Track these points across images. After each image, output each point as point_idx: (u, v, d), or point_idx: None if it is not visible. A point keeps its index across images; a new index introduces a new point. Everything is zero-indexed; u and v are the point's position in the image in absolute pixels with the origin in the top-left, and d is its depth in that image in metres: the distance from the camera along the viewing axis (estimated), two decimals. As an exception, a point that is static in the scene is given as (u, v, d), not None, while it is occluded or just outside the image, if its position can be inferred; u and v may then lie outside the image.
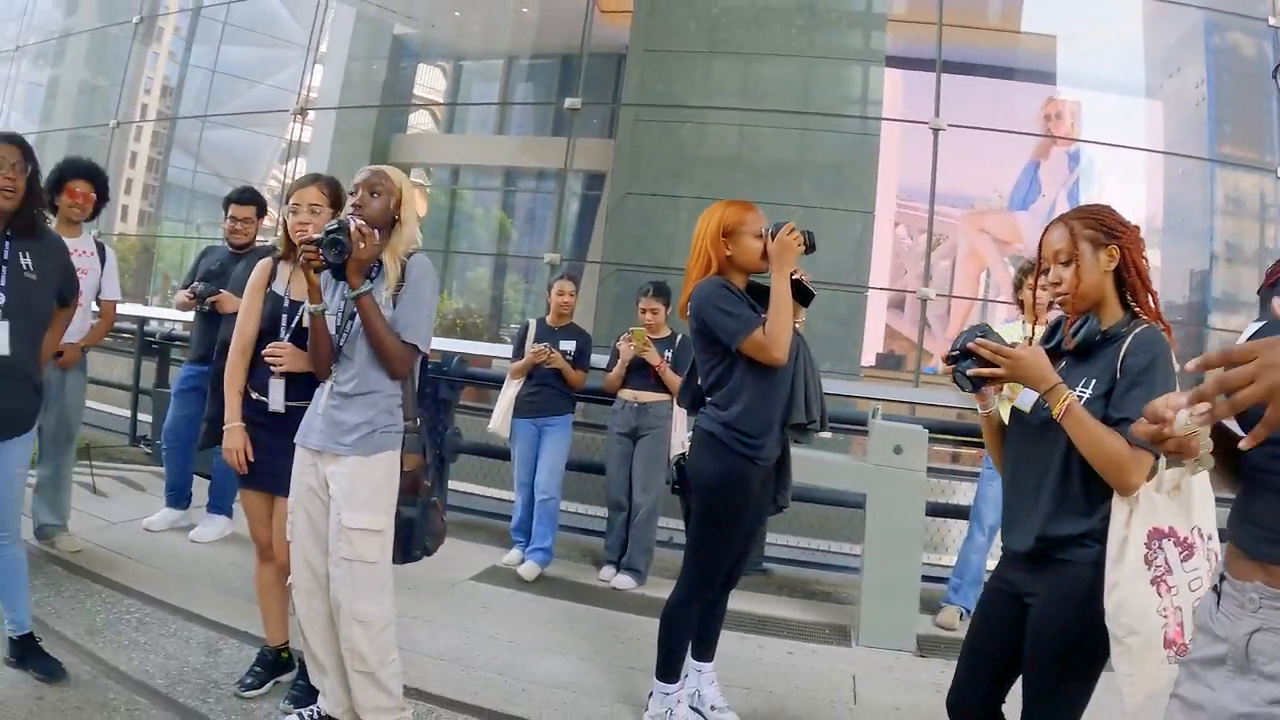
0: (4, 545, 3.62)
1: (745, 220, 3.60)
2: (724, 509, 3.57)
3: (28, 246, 3.47)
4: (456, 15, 16.60)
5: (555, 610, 5.31)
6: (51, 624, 4.26)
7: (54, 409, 4.99)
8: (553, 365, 6.02)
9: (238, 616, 4.54)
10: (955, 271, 11.72)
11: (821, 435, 3.82)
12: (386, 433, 3.25)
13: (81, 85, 17.85)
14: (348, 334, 3.27)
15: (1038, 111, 11.42)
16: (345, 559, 3.15)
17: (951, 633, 5.24)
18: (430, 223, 17.26)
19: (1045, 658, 2.46)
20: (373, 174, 3.28)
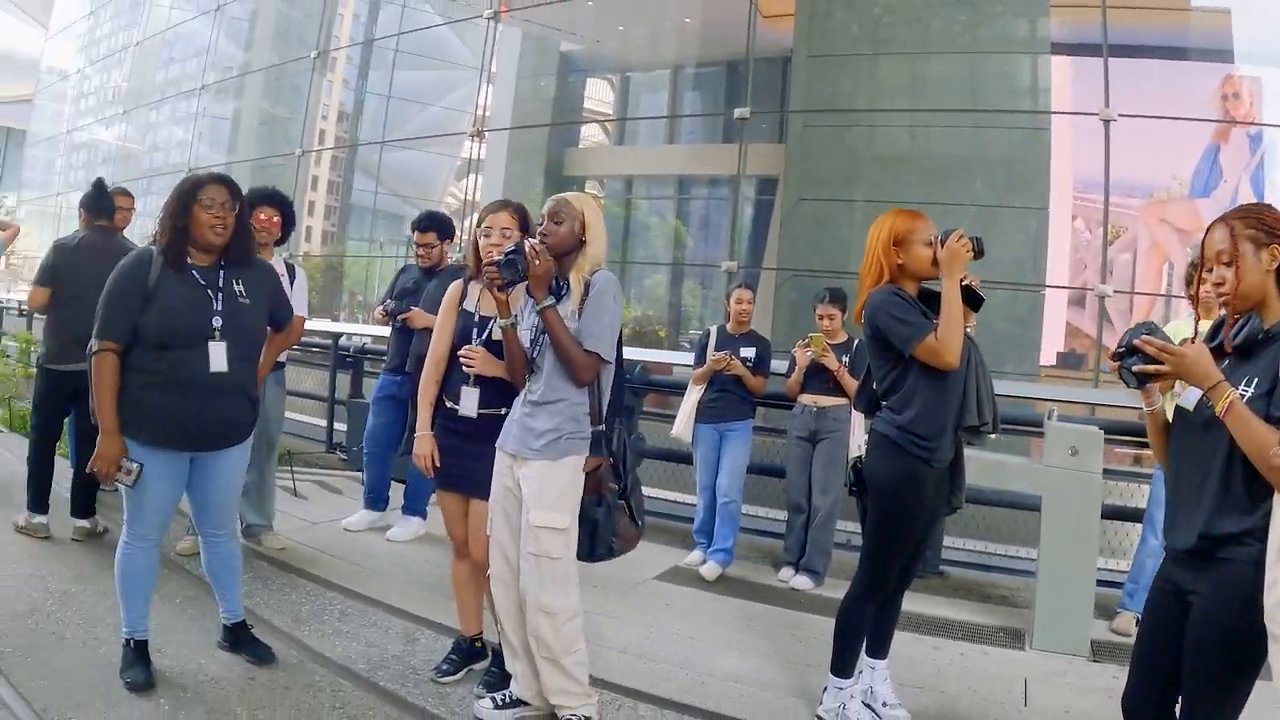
0: (222, 541, 4.08)
1: (915, 229, 3.70)
2: (899, 509, 3.69)
3: (240, 274, 3.89)
4: (620, 29, 16.86)
5: (735, 609, 5.47)
6: (261, 613, 4.69)
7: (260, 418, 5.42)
8: (733, 372, 6.17)
9: (433, 609, 4.88)
10: (1136, 265, 11.27)
11: (991, 437, 3.91)
12: (573, 438, 3.52)
13: (262, 116, 18.99)
14: (539, 347, 3.57)
15: (1214, 91, 10.82)
16: (532, 554, 3.46)
17: (1127, 639, 5.12)
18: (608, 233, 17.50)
19: (1205, 656, 2.47)
20: (555, 203, 3.59)
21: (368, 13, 18.60)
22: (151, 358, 3.66)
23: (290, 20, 18.87)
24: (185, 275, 3.75)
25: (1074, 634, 5.00)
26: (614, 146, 17.54)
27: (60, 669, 3.86)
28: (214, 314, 3.74)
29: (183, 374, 3.67)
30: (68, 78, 28.00)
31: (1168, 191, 11.16)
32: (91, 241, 5.78)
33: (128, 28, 24.65)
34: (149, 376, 3.65)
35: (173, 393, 3.66)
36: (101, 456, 3.61)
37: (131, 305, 3.64)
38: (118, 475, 3.64)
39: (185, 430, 3.71)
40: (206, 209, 3.74)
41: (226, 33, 19.96)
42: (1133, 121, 9.56)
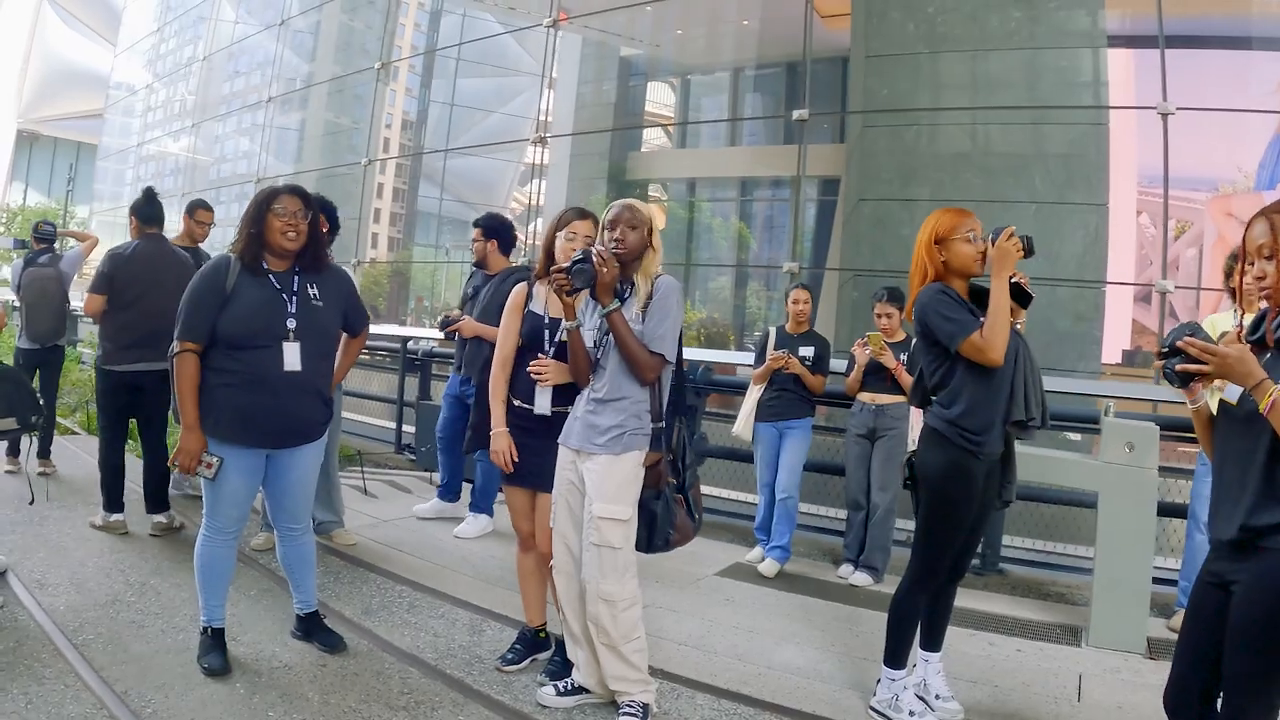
0: (297, 534, 4.27)
1: (956, 226, 3.77)
2: (947, 501, 3.77)
3: (314, 279, 4.10)
4: (679, 33, 16.75)
5: (793, 604, 5.56)
6: (333, 605, 4.89)
7: None
8: (791, 371, 6.26)
9: (498, 603, 5.06)
10: (1203, 260, 11.09)
11: (1038, 431, 3.94)
12: (635, 434, 3.66)
13: (327, 126, 19.31)
14: (603, 347, 3.71)
15: (1278, 81, 10.62)
16: (594, 544, 3.60)
17: None
18: (670, 235, 17.52)
19: (1244, 643, 2.49)
20: (628, 210, 3.73)
21: (428, 23, 18.85)
22: (229, 357, 3.86)
23: (352, 31, 19.16)
24: (262, 279, 3.95)
25: (1130, 631, 5.01)
26: (676, 150, 17.52)
27: (140, 655, 4.05)
28: (288, 316, 3.94)
29: (259, 373, 3.86)
30: (136, 92, 28.62)
31: (1233, 185, 10.94)
32: (145, 249, 6.00)
33: (192, 42, 25.23)
34: (227, 375, 3.85)
35: (250, 391, 3.85)
36: (184, 450, 3.81)
37: (210, 308, 3.85)
38: (199, 469, 3.83)
39: (261, 427, 3.90)
40: (280, 217, 3.95)
41: (290, 45, 20.37)
42: (1194, 114, 9.47)
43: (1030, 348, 3.81)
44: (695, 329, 14.66)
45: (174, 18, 26.46)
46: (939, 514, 3.80)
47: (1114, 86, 10.77)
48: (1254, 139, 10.57)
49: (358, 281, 6.00)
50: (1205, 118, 9.75)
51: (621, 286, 3.74)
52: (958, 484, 3.74)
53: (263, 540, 5.64)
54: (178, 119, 25.29)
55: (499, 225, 6.58)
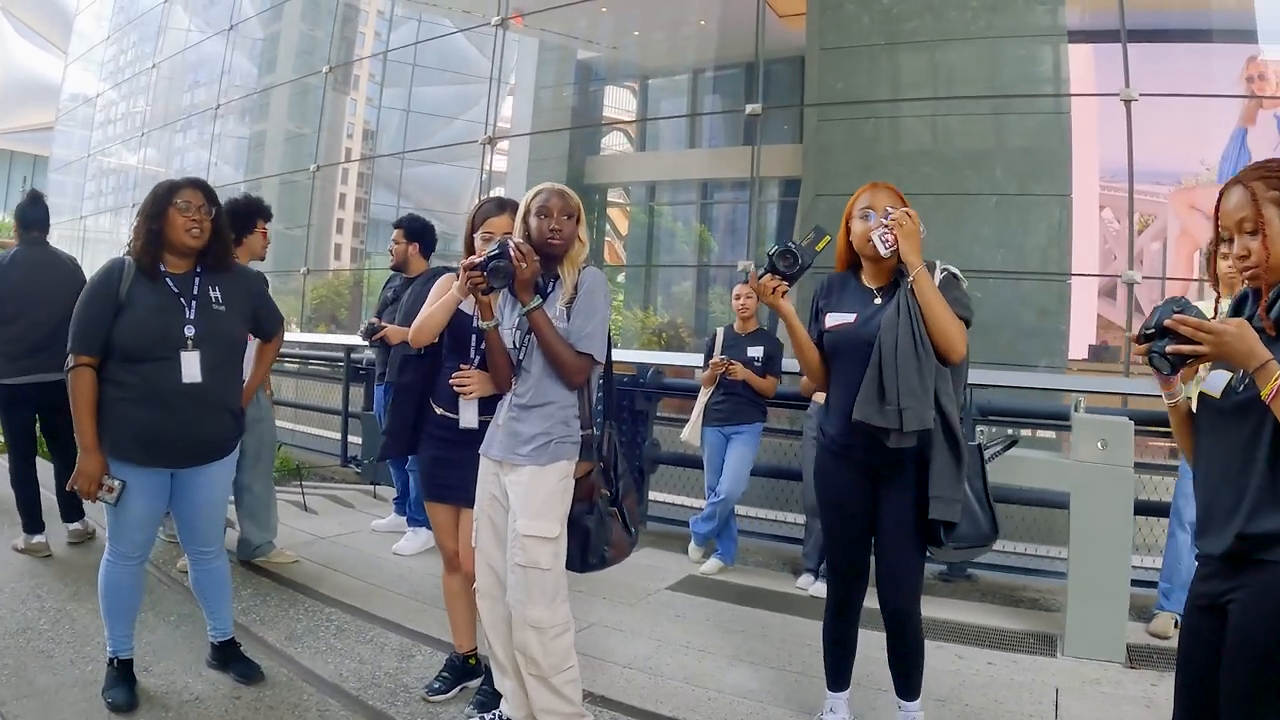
0: (209, 558, 3.96)
1: (856, 201, 3.46)
2: (818, 499, 3.72)
3: (218, 281, 3.77)
4: (637, 34, 16.86)
5: (749, 619, 5.26)
6: (255, 630, 4.58)
7: (253, 431, 5.22)
8: (736, 377, 5.98)
9: (432, 625, 4.74)
10: (1167, 254, 10.99)
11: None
12: (562, 442, 3.33)
13: (287, 135, 19.03)
14: (526, 348, 3.38)
15: (1239, 74, 10.47)
16: (520, 565, 3.25)
17: (1165, 641, 4.87)
18: (631, 239, 17.56)
19: (1242, 663, 2.16)
20: (558, 196, 3.37)
21: (387, 30, 18.66)
22: (125, 370, 3.54)
23: (314, 41, 18.90)
24: (158, 284, 3.63)
25: (1108, 639, 4.73)
26: (636, 153, 17.60)
27: (44, 688, 3.79)
28: (186, 322, 3.61)
29: (156, 386, 3.55)
30: (88, 102, 28.23)
31: (1196, 178, 10.86)
32: (25, 256, 5.66)
33: (144, 49, 24.78)
34: (123, 390, 3.54)
35: (147, 406, 3.54)
36: (82, 474, 3.50)
37: (103, 316, 3.54)
38: (99, 493, 3.52)
39: (162, 445, 3.59)
40: (183, 212, 3.62)
41: (247, 54, 20.19)
42: (1157, 108, 9.31)
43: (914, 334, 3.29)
44: (657, 332, 14.70)
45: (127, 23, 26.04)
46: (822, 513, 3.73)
47: (1075, 82, 10.74)
48: (1217, 132, 10.51)
49: (304, 292, 5.70)
50: (1168, 110, 9.64)
51: (544, 281, 3.42)
52: (820, 482, 3.63)
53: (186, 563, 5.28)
54: (128, 127, 24.94)
55: (421, 227, 6.36)
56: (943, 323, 3.18)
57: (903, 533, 3.35)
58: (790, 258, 3.30)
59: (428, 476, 3.85)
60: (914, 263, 3.19)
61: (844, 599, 3.61)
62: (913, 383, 3.15)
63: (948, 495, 3.22)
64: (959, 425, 3.28)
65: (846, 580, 3.59)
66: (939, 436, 3.24)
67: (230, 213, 4.90)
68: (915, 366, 3.16)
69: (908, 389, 3.14)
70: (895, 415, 3.15)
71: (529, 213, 3.38)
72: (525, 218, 3.39)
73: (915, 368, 3.16)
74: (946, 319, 3.18)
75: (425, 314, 3.72)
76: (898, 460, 3.29)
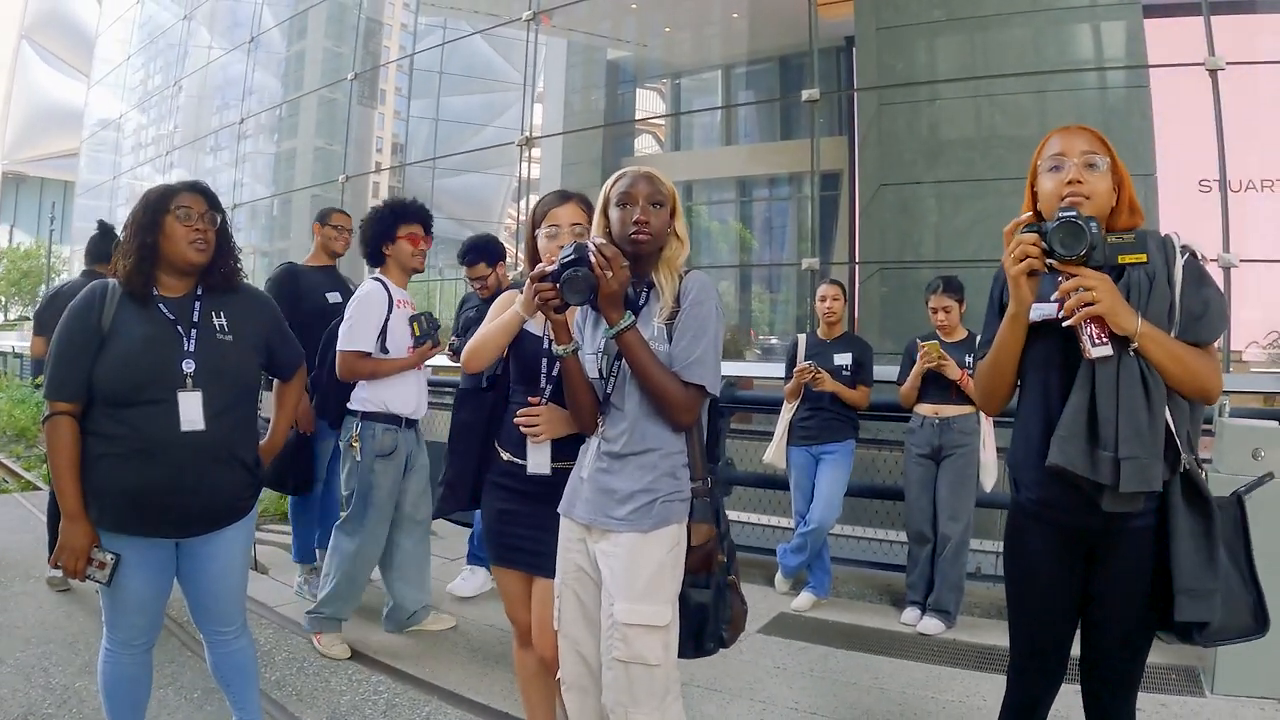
0: (227, 639, 3.23)
1: (1044, 148, 2.51)
2: (1008, 573, 2.69)
3: (223, 304, 3.09)
4: (667, 31, 16.66)
5: (858, 666, 4.62)
6: (291, 709, 3.96)
7: (410, 475, 4.70)
8: (823, 388, 5.38)
9: (498, 694, 4.10)
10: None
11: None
12: (670, 501, 2.57)
13: (316, 152, 18.91)
14: (616, 379, 2.67)
15: None
16: (620, 660, 2.53)
17: None
18: None
19: None
20: (645, 181, 2.64)
21: (412, 44, 18.41)
22: (110, 418, 2.85)
23: (340, 58, 18.75)
24: (150, 310, 2.94)
25: (1265, 673, 4.07)
26: (669, 153, 17.22)
27: None
28: (184, 356, 2.92)
29: (149, 436, 2.85)
30: (110, 125, 28.25)
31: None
32: (77, 287, 5.15)
33: (165, 69, 24.85)
34: (109, 443, 2.85)
35: (140, 462, 2.84)
36: (66, 549, 2.82)
37: (82, 354, 2.85)
38: (89, 571, 2.84)
39: (161, 509, 2.90)
40: (183, 221, 2.94)
41: (273, 73, 20.11)
42: (1243, 80, 8.68)
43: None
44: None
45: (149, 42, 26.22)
46: (1009, 590, 2.69)
47: (1152, 57, 10.08)
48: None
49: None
50: (1254, 82, 9.05)
51: (636, 292, 2.66)
52: (1010, 551, 2.64)
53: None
54: (155, 148, 24.90)
55: (492, 247, 5.68)
56: (1189, 371, 2.26)
57: (1130, 627, 2.44)
58: (1079, 236, 2.22)
59: (493, 535, 3.11)
60: (1129, 328, 2.22)
61: (1030, 700, 2.67)
62: (1139, 421, 2.22)
63: (1202, 587, 2.28)
64: (1203, 479, 2.34)
65: (1035, 677, 2.64)
66: (1177, 497, 2.29)
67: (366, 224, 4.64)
68: (1142, 398, 2.24)
69: (1132, 431, 2.22)
70: (1110, 466, 2.22)
71: (608, 203, 2.66)
72: (605, 210, 2.67)
73: (1142, 400, 2.24)
74: (1194, 364, 2.27)
75: (480, 335, 3.00)
76: (1119, 529, 2.36)
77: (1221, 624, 2.31)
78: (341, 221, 5.72)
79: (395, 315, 4.50)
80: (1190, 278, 2.29)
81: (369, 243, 4.66)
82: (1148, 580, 2.33)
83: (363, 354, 4.40)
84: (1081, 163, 2.33)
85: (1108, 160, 2.36)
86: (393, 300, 4.54)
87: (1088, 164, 2.33)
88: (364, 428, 4.48)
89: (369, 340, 4.42)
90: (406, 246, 4.63)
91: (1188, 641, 2.36)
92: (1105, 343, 2.22)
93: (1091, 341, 2.23)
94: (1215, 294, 2.32)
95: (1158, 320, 2.24)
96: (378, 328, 4.44)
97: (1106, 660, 2.48)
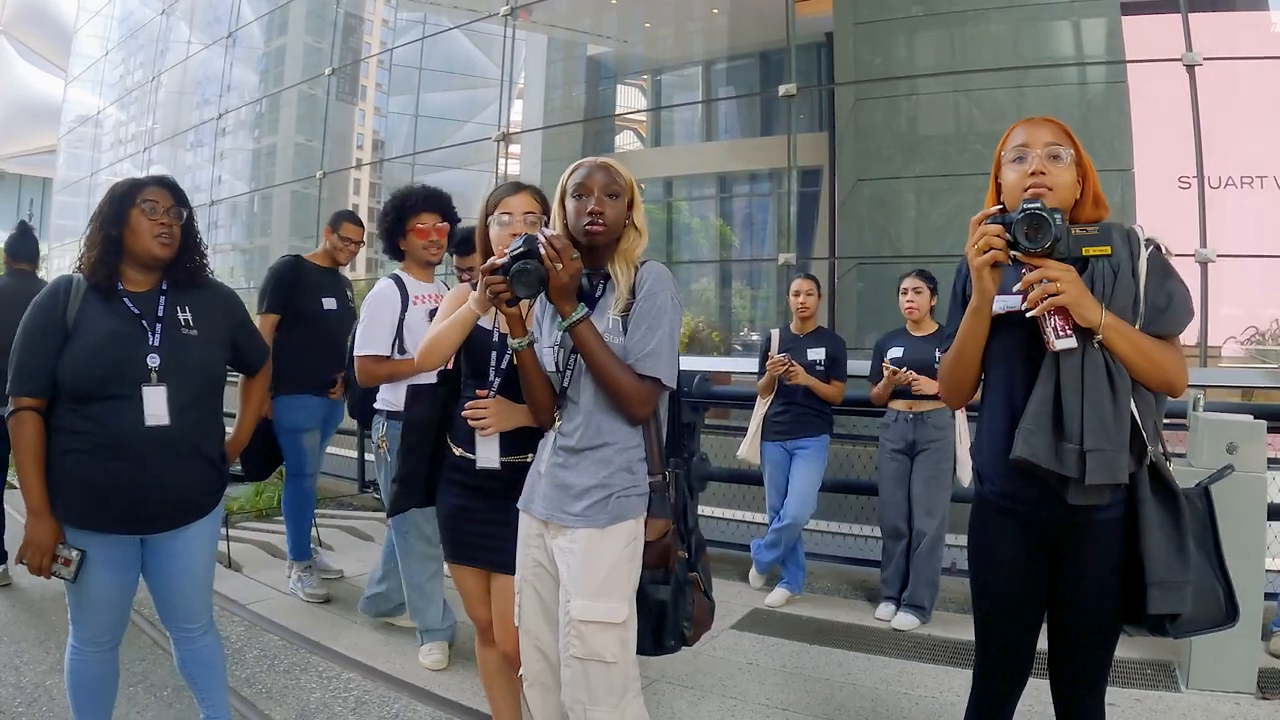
0: (194, 636, 3.19)
1: (1008, 139, 2.46)
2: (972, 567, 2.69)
3: (188, 299, 3.06)
4: (647, 27, 16.73)
5: (831, 663, 4.59)
6: (261, 706, 3.93)
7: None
8: (797, 381, 5.35)
9: (467, 690, 4.08)
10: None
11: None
12: (625, 496, 2.54)
13: (297, 149, 18.79)
14: (572, 372, 2.62)
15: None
16: (577, 658, 2.49)
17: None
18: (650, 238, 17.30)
19: None
20: (602, 171, 2.60)
21: (393, 40, 18.40)
22: (74, 414, 2.82)
23: (319, 54, 18.66)
24: (114, 304, 2.90)
25: (1238, 667, 4.10)
26: (650, 149, 17.22)
27: None
28: (149, 350, 2.88)
29: (113, 433, 2.81)
30: (89, 121, 28.03)
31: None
32: (4, 286, 5.44)
33: (144, 65, 24.67)
34: (73, 438, 2.81)
35: (104, 457, 2.80)
36: (31, 544, 2.79)
37: (46, 349, 2.81)
38: (55, 567, 2.80)
39: (123, 506, 2.86)
40: (148, 215, 2.91)
41: (252, 68, 20.04)
42: (1219, 74, 8.66)
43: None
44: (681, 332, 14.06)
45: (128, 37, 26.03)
46: (973, 586, 2.67)
47: (1129, 52, 10.09)
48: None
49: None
50: (1229, 78, 9.05)
51: (591, 283, 2.62)
52: (975, 545, 2.64)
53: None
54: (133, 145, 24.70)
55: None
56: (1154, 364, 2.25)
57: (1098, 622, 2.42)
58: (1043, 228, 2.20)
59: (448, 532, 3.06)
60: (1094, 320, 2.21)
61: (995, 698, 2.65)
62: (1104, 412, 2.21)
63: (1174, 578, 2.27)
64: (1170, 471, 2.33)
65: (1002, 674, 2.62)
66: (1145, 489, 2.28)
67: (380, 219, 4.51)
68: (1107, 390, 2.23)
69: (1097, 423, 2.21)
70: (1075, 459, 2.21)
71: (565, 194, 2.62)
72: (562, 201, 2.63)
73: (1108, 392, 2.23)
74: (1159, 357, 2.25)
75: (434, 334, 2.94)
76: (1085, 522, 2.35)
77: (1192, 615, 2.31)
78: (351, 233, 5.64)
79: (412, 313, 4.32)
80: (1154, 271, 2.28)
81: (384, 239, 4.53)
82: (1115, 573, 2.32)
83: (379, 357, 4.22)
84: (1045, 154, 2.30)
85: (1072, 152, 2.34)
86: (407, 297, 4.35)
87: (1051, 155, 2.30)
88: (390, 427, 4.38)
89: (383, 343, 4.25)
90: (416, 240, 4.45)
91: (1158, 634, 2.36)
92: (1069, 335, 2.20)
93: (1055, 333, 2.21)
94: (1179, 287, 2.31)
95: (1122, 313, 2.23)
96: (391, 329, 4.26)
97: (1074, 655, 2.46)
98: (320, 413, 5.51)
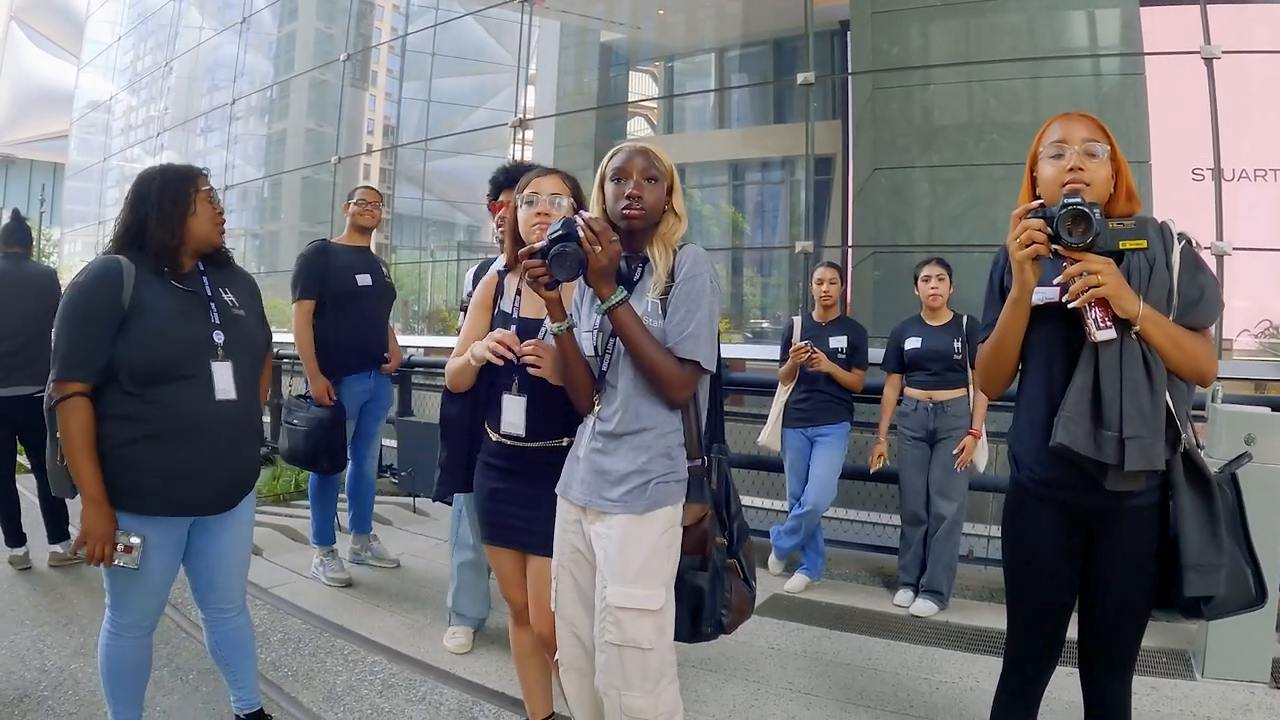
0: (229, 617, 3.24)
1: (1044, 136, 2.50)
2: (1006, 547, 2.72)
3: (225, 281, 3.13)
4: (660, 14, 16.49)
5: (851, 648, 4.63)
6: (288, 689, 3.97)
7: None
8: (819, 369, 5.38)
9: (494, 673, 4.12)
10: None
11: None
12: (664, 482, 2.55)
13: (308, 135, 18.82)
14: (611, 356, 2.63)
15: None
16: (613, 644, 2.51)
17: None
18: None
19: None
20: (641, 156, 2.60)
21: (405, 27, 18.37)
22: (139, 401, 2.82)
23: (331, 40, 18.71)
24: (168, 285, 2.94)
25: (1253, 656, 4.12)
26: (663, 136, 17.05)
27: None
28: (213, 328, 2.96)
29: (184, 412, 2.86)
30: (100, 107, 28.02)
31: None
32: (2, 269, 5.59)
33: (155, 51, 24.66)
34: (139, 425, 2.82)
35: (177, 440, 2.85)
36: (91, 535, 2.78)
37: (104, 332, 2.80)
38: (116, 555, 2.81)
39: (195, 489, 2.91)
40: (212, 204, 3.02)
41: (264, 55, 19.99)
42: (1239, 67, 8.71)
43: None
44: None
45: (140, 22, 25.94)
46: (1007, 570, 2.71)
47: (1148, 44, 10.02)
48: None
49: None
50: (1250, 70, 9.03)
51: (630, 266, 2.64)
52: (1010, 531, 2.66)
53: None
54: (145, 131, 24.73)
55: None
56: (1187, 354, 2.31)
57: (1131, 605, 2.47)
58: (1085, 223, 2.24)
59: (485, 514, 3.07)
60: (1132, 312, 2.26)
61: (1024, 681, 2.67)
62: (1142, 401, 2.27)
63: (1209, 562, 2.33)
64: (1202, 458, 2.40)
65: (1033, 655, 2.64)
66: (1180, 476, 2.35)
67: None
68: (1144, 380, 2.29)
69: (1135, 411, 2.26)
70: (1114, 446, 2.26)
71: (604, 178, 2.64)
72: (601, 186, 2.65)
73: (1145, 382, 2.29)
74: (1192, 348, 2.32)
75: (453, 367, 3.00)
76: (1121, 508, 2.40)
77: (1225, 597, 2.38)
78: (367, 196, 5.64)
79: None
80: (1187, 264, 2.35)
81: None
82: (1150, 558, 2.39)
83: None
84: (1083, 150, 2.36)
85: (1107, 148, 2.38)
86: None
87: (1088, 152, 2.36)
88: None
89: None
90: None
91: (1192, 617, 2.44)
92: (1109, 326, 2.26)
93: (1096, 325, 2.27)
94: (1210, 280, 2.38)
95: (1157, 305, 2.29)
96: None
97: (1105, 640, 2.51)
98: (368, 393, 5.55)
